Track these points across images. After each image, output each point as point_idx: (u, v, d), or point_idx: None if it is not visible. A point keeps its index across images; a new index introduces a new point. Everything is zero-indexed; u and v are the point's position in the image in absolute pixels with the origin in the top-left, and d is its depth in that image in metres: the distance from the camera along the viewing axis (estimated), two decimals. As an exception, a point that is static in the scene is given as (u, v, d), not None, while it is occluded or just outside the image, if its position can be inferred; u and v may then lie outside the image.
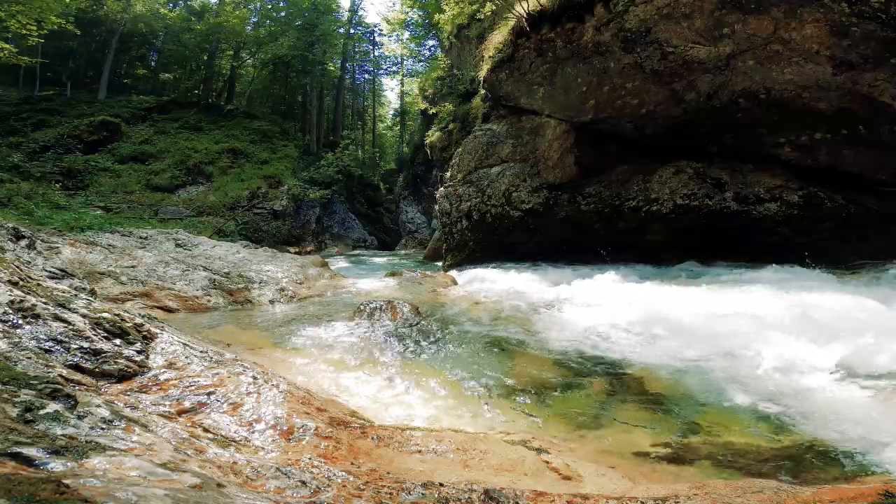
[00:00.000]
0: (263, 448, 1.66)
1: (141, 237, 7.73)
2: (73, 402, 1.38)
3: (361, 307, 4.75)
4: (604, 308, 4.87)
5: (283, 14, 29.22)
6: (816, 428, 2.38)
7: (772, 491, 1.64)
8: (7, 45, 15.25)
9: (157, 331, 2.34)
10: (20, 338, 1.71)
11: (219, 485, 1.13)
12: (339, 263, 13.67)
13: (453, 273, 8.88)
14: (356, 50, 35.72)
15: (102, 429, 1.32)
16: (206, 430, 1.65)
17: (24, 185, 15.16)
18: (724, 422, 2.55)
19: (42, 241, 5.43)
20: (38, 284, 2.34)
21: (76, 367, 1.75)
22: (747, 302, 4.60)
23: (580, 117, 8.19)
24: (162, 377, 1.96)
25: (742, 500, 1.57)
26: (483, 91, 11.74)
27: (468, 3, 11.82)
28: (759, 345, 3.38)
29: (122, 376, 1.86)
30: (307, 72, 28.77)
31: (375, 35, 36.60)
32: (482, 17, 11.21)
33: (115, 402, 1.60)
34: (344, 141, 27.93)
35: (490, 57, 9.30)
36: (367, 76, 38.97)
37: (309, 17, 27.94)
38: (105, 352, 1.91)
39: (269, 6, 29.90)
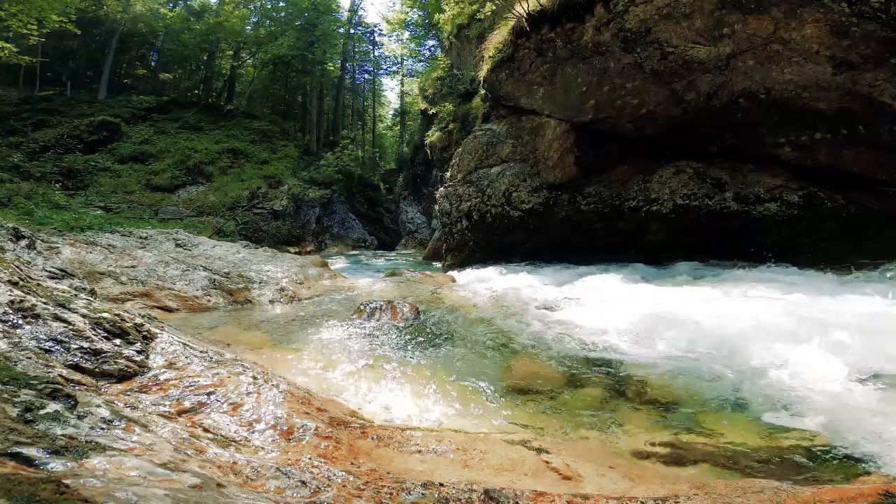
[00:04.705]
0: (263, 448, 1.66)
1: (141, 237, 7.73)
2: (73, 402, 1.38)
3: (361, 307, 4.75)
4: (604, 308, 4.87)
5: (283, 14, 29.21)
6: (816, 428, 2.38)
7: (772, 491, 1.64)
8: (7, 45, 15.24)
9: (157, 331, 2.33)
10: (20, 338, 1.71)
11: (219, 485, 1.13)
12: (338, 263, 13.66)
13: (453, 273, 8.89)
14: (356, 50, 35.69)
15: (102, 429, 1.32)
16: (206, 430, 1.65)
17: (24, 185, 15.13)
18: (724, 422, 2.55)
19: (42, 241, 5.43)
20: (38, 284, 2.34)
21: (76, 367, 1.75)
22: (747, 302, 4.60)
23: (580, 117, 8.19)
24: (162, 377, 1.96)
25: (742, 500, 1.57)
26: (483, 91, 11.73)
27: (468, 3, 11.83)
28: (760, 345, 3.38)
29: (122, 376, 1.86)
30: (307, 72, 28.76)
31: (375, 35, 36.61)
32: (482, 17, 11.21)
33: (115, 402, 1.60)
34: (344, 141, 27.91)
35: (490, 57, 9.29)
36: (367, 76, 38.98)
37: (309, 17, 27.93)
38: (105, 352, 1.91)
39: (269, 6, 29.90)
